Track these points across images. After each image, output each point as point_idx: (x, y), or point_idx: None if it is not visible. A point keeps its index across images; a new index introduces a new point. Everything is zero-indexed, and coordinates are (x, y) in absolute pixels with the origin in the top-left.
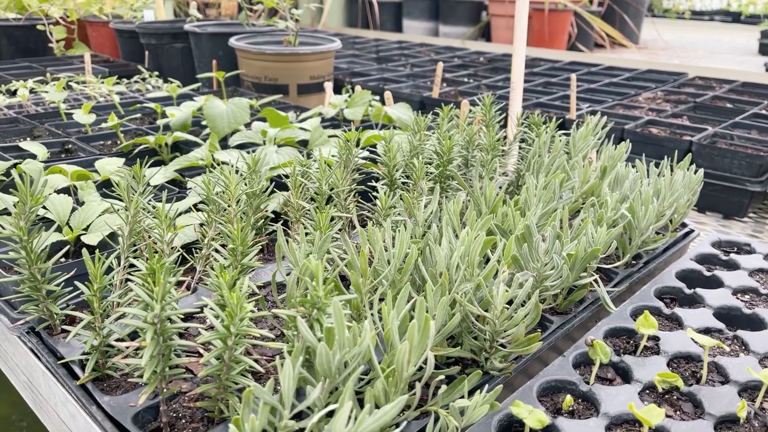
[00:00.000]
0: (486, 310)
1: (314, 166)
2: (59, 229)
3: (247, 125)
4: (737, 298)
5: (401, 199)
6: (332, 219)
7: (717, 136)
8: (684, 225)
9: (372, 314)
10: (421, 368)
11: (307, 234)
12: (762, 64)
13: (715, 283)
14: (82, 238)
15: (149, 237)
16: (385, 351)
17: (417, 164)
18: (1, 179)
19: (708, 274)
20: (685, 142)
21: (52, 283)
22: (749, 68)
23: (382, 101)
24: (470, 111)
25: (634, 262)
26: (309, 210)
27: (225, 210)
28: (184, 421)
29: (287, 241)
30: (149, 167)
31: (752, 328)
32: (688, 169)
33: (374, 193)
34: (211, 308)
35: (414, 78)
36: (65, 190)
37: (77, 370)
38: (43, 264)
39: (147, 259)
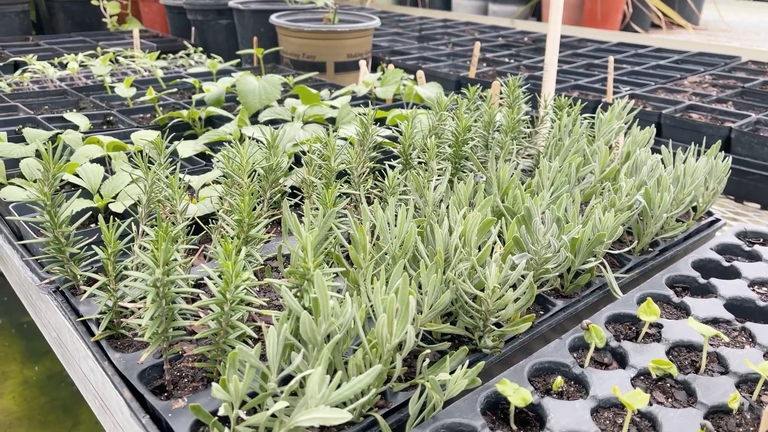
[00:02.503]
0: (482, 290)
1: (335, 143)
2: (90, 197)
3: (281, 102)
4: (753, 290)
5: (401, 174)
6: (346, 196)
7: (760, 123)
8: (710, 214)
9: (367, 289)
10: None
11: (316, 209)
12: None
13: (733, 274)
14: (110, 206)
15: (165, 206)
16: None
17: (429, 144)
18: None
19: (726, 264)
20: (725, 129)
21: (76, 246)
22: None
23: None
24: (501, 92)
25: (650, 249)
26: (318, 186)
27: (239, 183)
28: (186, 380)
29: (294, 216)
30: (183, 140)
31: (765, 320)
32: (716, 157)
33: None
34: (209, 276)
35: (454, 57)
36: (100, 160)
37: (94, 328)
38: (66, 228)
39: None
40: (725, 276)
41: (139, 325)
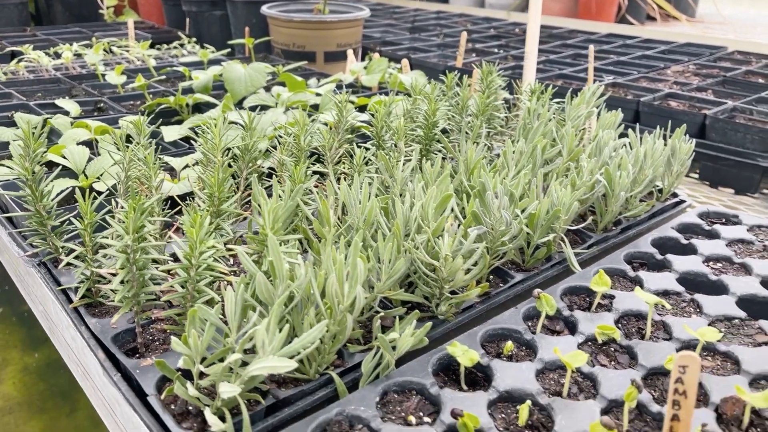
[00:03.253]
0: (436, 259)
1: (315, 127)
2: (76, 177)
3: (268, 89)
4: (707, 265)
5: (375, 156)
6: (318, 174)
7: (737, 110)
8: (675, 195)
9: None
10: (371, 307)
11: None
12: None
13: (690, 251)
14: (94, 185)
15: (142, 183)
16: None
17: (398, 126)
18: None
19: (685, 242)
20: (700, 116)
21: (59, 220)
22: None
23: None
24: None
25: (614, 228)
26: (288, 164)
27: (213, 162)
28: (157, 343)
29: (263, 190)
30: (170, 125)
31: (715, 293)
32: (679, 140)
33: (366, 153)
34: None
35: (444, 48)
36: (88, 144)
37: (74, 297)
38: (47, 201)
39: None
40: (682, 253)
41: (112, 291)
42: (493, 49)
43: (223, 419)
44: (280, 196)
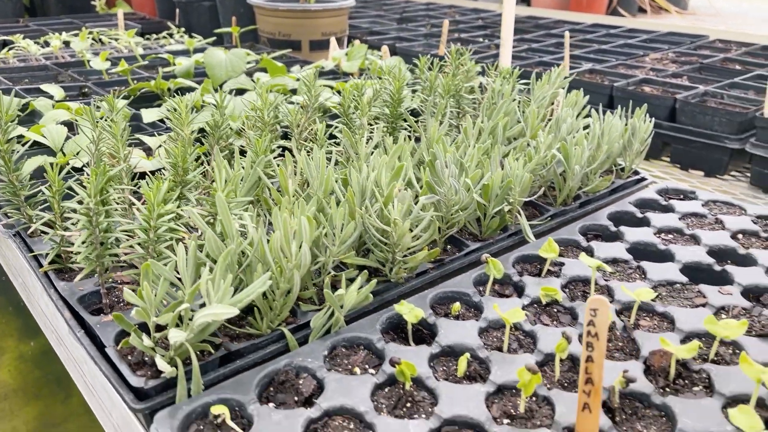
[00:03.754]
0: (387, 225)
1: (268, 98)
2: (54, 154)
3: (250, 75)
4: (657, 236)
5: (341, 132)
6: (283, 149)
7: (708, 95)
8: (636, 173)
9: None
10: (329, 272)
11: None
12: None
13: (643, 224)
14: (70, 161)
15: (112, 156)
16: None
17: (361, 103)
18: (18, 114)
19: (640, 216)
20: (670, 100)
21: (32, 191)
22: None
23: None
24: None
25: (573, 202)
26: (251, 137)
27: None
28: (122, 304)
29: (225, 161)
30: (150, 109)
31: (662, 260)
32: (641, 120)
33: (336, 132)
34: (138, 208)
35: (430, 37)
36: (68, 124)
37: (44, 262)
38: (21, 173)
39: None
40: (636, 225)
41: (76, 254)
42: (479, 39)
43: (176, 368)
44: (242, 167)
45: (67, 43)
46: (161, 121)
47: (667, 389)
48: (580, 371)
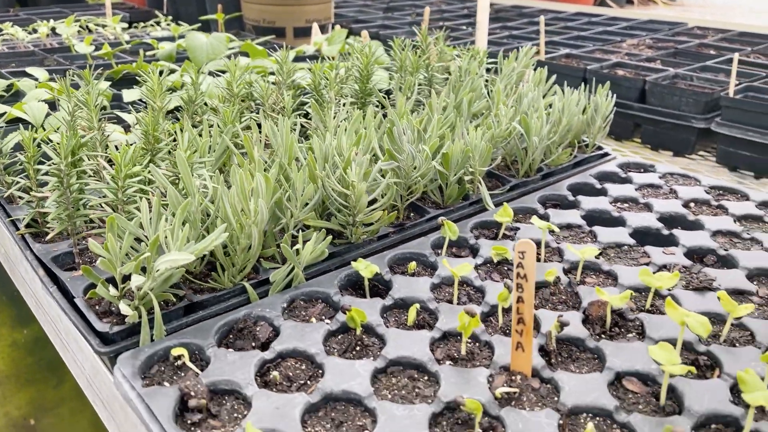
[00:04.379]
0: (347, 188)
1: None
2: (36, 130)
3: (231, 58)
4: (613, 205)
5: (312, 108)
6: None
7: (678, 77)
8: (600, 148)
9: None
10: (294, 235)
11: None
12: None
13: (601, 194)
14: (50, 136)
15: (89, 129)
16: None
17: (329, 78)
18: (2, 95)
19: (599, 187)
20: (640, 81)
21: (12, 167)
22: None
23: None
24: (439, 51)
25: (536, 174)
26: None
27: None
28: (94, 264)
29: (192, 129)
30: (131, 90)
31: (613, 226)
32: (602, 97)
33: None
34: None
35: (414, 26)
36: (51, 104)
37: (20, 226)
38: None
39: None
40: (594, 195)
41: (46, 216)
42: (462, 27)
43: (140, 316)
44: (210, 134)
45: (54, 30)
46: (143, 102)
47: (603, 336)
48: (512, 312)
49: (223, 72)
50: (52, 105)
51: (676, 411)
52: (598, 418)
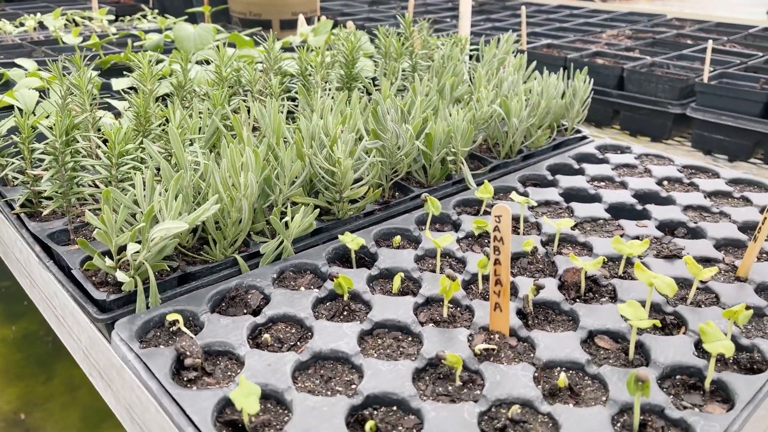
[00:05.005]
0: (333, 165)
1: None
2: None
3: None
4: (590, 183)
5: (298, 93)
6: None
7: (655, 65)
8: (579, 131)
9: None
10: (282, 212)
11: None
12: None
13: (579, 173)
14: (41, 122)
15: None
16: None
17: (315, 63)
18: None
19: (577, 166)
20: (618, 69)
21: (5, 150)
22: (749, 16)
23: None
24: (423, 39)
25: (517, 156)
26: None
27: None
28: (89, 240)
29: (180, 109)
30: (120, 78)
31: (590, 202)
32: (580, 81)
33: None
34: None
35: (398, 18)
36: (41, 92)
37: (16, 206)
38: None
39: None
40: (572, 174)
41: (43, 195)
42: (446, 19)
43: (136, 285)
44: (200, 114)
45: (42, 24)
46: (132, 89)
47: (578, 300)
48: (490, 274)
49: (210, 62)
50: (42, 93)
51: (643, 363)
52: (571, 371)
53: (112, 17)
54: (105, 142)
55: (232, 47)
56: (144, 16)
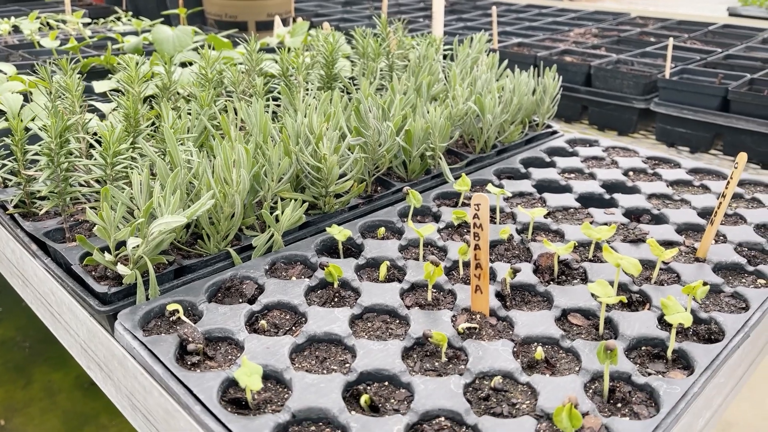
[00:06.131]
0: (318, 161)
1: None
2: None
3: (197, 51)
4: (561, 175)
5: (280, 92)
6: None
7: (621, 62)
8: (549, 127)
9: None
10: (271, 207)
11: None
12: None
13: (551, 166)
14: (28, 124)
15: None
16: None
17: (296, 64)
18: None
19: (548, 160)
20: (585, 66)
21: None
22: (710, 13)
23: None
24: (399, 40)
25: (491, 151)
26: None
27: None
28: (89, 236)
29: (171, 111)
30: (101, 81)
31: (560, 192)
32: (549, 78)
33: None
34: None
35: (372, 18)
36: (24, 95)
37: (9, 207)
38: None
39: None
40: (544, 167)
41: (39, 194)
42: (419, 19)
43: (135, 277)
44: (189, 113)
45: (16, 28)
46: (114, 92)
47: (551, 282)
48: (470, 258)
49: (190, 63)
50: (24, 97)
51: (612, 337)
52: (546, 345)
53: (87, 20)
54: (96, 143)
55: (210, 48)
56: (118, 18)
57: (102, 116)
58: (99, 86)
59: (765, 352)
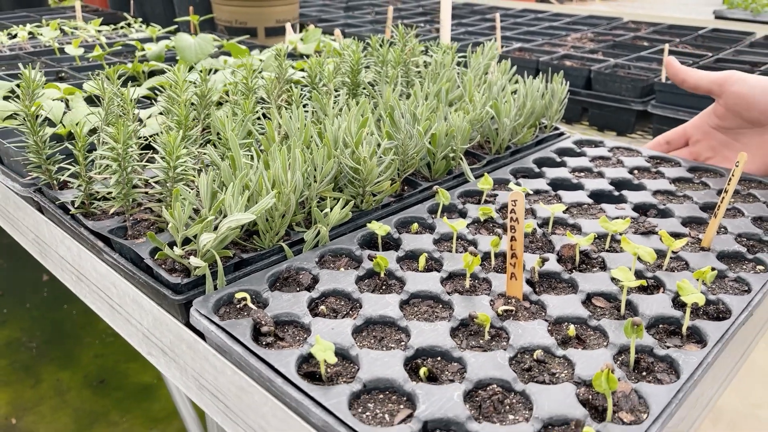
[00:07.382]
0: (358, 163)
1: (260, 82)
2: (55, 126)
3: (215, 58)
4: (571, 174)
5: (311, 99)
6: (266, 117)
7: (618, 66)
8: (557, 129)
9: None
10: (304, 204)
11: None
12: (711, 12)
13: (562, 165)
14: (72, 130)
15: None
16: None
17: (326, 72)
18: (7, 95)
19: (559, 160)
20: (586, 70)
21: (52, 158)
22: (697, 16)
23: None
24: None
25: (506, 152)
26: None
27: (176, 103)
28: (144, 237)
29: (222, 117)
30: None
31: (573, 189)
32: (558, 83)
33: (305, 100)
34: (158, 153)
35: (375, 23)
36: (60, 101)
37: (70, 207)
38: (43, 133)
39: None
40: (555, 166)
41: (107, 194)
42: (420, 24)
43: (204, 271)
44: (235, 114)
45: (31, 33)
46: (145, 98)
47: (574, 270)
48: (507, 249)
49: (214, 71)
50: (60, 100)
51: (632, 316)
52: (576, 324)
53: (104, 28)
54: (147, 147)
55: (227, 55)
56: (129, 25)
57: (139, 121)
58: (132, 93)
59: (765, 330)
